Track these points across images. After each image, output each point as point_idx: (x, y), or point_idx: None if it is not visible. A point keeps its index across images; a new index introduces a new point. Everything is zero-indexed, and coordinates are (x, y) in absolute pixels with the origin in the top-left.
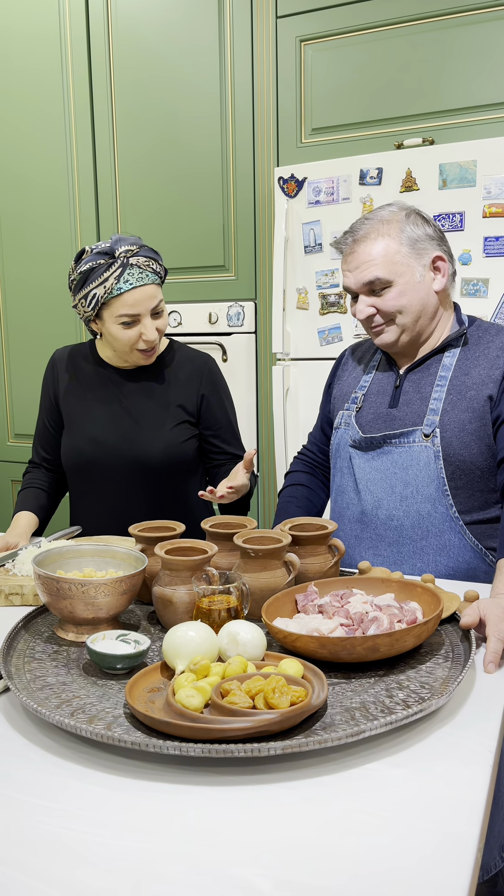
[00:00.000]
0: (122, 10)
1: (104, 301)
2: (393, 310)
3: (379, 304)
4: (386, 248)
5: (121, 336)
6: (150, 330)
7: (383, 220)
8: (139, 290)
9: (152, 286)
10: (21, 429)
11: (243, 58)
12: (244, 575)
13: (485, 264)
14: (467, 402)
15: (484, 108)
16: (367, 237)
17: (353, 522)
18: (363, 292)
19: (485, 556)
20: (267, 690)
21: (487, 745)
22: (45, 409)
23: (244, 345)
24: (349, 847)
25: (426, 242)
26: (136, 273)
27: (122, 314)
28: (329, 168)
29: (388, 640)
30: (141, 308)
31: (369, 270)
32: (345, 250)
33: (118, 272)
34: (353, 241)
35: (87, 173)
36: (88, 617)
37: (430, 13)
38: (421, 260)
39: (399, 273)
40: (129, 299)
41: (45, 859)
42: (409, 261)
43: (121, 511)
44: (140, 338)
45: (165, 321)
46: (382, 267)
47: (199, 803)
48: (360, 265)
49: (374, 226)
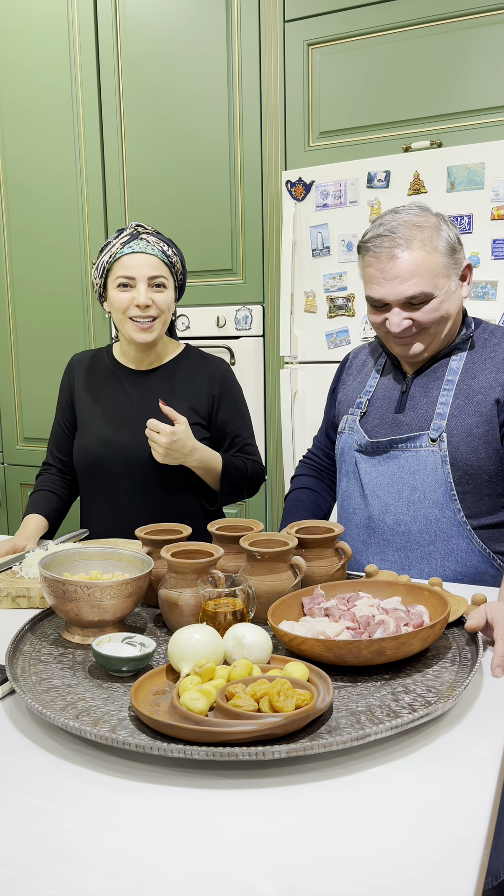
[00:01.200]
0: (130, 15)
1: (109, 267)
2: (431, 322)
3: (417, 317)
4: (428, 259)
5: (116, 300)
6: (142, 294)
7: (420, 226)
8: (139, 255)
9: (155, 258)
10: (30, 432)
11: (251, 62)
12: (250, 578)
13: (493, 267)
14: (474, 407)
15: (492, 111)
16: (408, 244)
17: (360, 528)
18: (399, 304)
19: (493, 561)
20: (272, 693)
21: (494, 750)
22: (61, 411)
23: (252, 348)
24: (353, 851)
25: (460, 251)
26: (143, 243)
27: (119, 275)
28: (337, 171)
29: (394, 644)
30: (137, 272)
31: (412, 283)
32: (381, 255)
33: (125, 240)
34: (391, 245)
35: (96, 176)
36: (94, 619)
37: (436, 16)
38: (457, 269)
39: (440, 286)
40: (128, 261)
41: (50, 862)
42: (447, 271)
43: (130, 512)
44: (132, 302)
45: (167, 300)
46: (426, 280)
47: (203, 806)
48: (400, 275)
49: (413, 231)
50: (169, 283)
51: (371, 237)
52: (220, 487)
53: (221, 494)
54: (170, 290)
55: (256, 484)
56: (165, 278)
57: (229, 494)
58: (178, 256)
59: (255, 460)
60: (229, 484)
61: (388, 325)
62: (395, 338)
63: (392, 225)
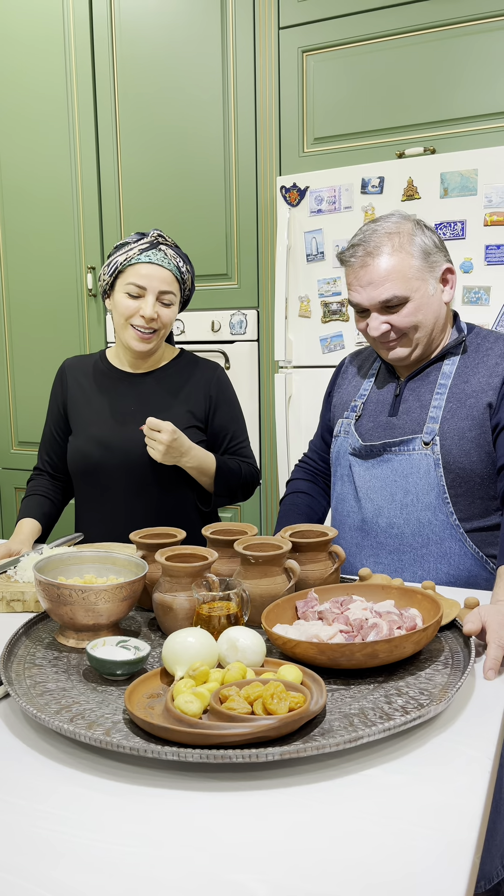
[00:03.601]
0: (125, 22)
1: (122, 268)
2: (408, 326)
3: (394, 320)
4: (401, 263)
5: (122, 304)
6: (149, 307)
7: (391, 233)
8: (156, 267)
9: (169, 273)
10: (25, 437)
11: (246, 68)
12: (244, 581)
13: (486, 272)
14: (467, 410)
15: (485, 118)
16: (378, 251)
17: (353, 530)
18: (376, 309)
19: (485, 564)
20: (265, 696)
21: (486, 752)
22: (53, 417)
23: (247, 353)
24: (346, 853)
25: (436, 255)
26: (160, 255)
27: (131, 282)
28: (331, 177)
29: (387, 647)
30: (149, 283)
31: (385, 288)
32: (354, 264)
33: (144, 247)
34: (363, 253)
35: (91, 183)
36: (89, 623)
37: (430, 24)
38: (433, 273)
39: (415, 288)
40: (143, 270)
41: (45, 864)
42: (423, 275)
43: (125, 515)
44: (138, 312)
45: (171, 316)
46: (399, 284)
47: (196, 809)
48: (373, 281)
49: (384, 238)
50: (176, 300)
51: (347, 247)
52: (215, 489)
53: (216, 496)
54: (175, 306)
55: (251, 486)
56: (175, 295)
57: (224, 496)
58: (190, 274)
59: (250, 463)
60: (223, 485)
61: (368, 329)
62: (377, 342)
63: (366, 234)
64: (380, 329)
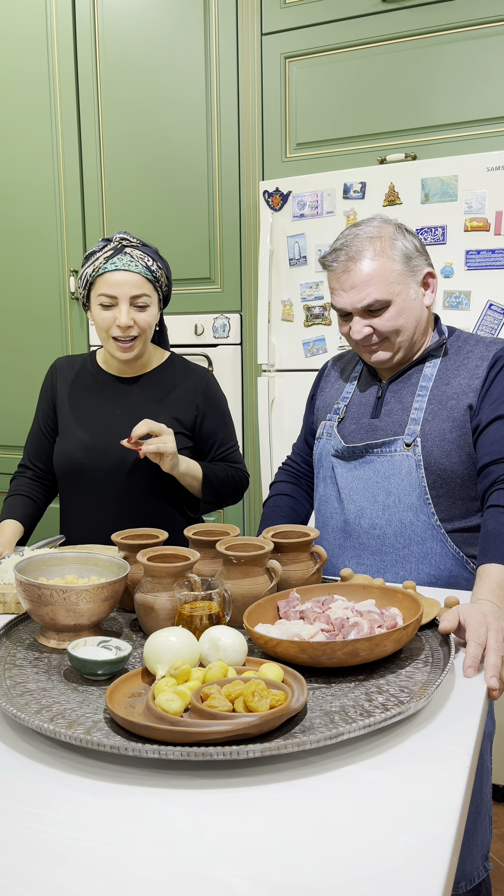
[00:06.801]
0: (108, 26)
1: (91, 280)
2: (390, 330)
3: (376, 324)
4: (382, 267)
5: (98, 317)
6: (123, 315)
7: (373, 237)
8: (123, 273)
9: (138, 276)
10: (6, 440)
11: (229, 74)
12: (226, 582)
13: (466, 277)
14: (448, 412)
15: (465, 125)
16: (360, 255)
17: (336, 532)
18: (358, 313)
19: (466, 564)
20: (246, 694)
21: (465, 748)
22: (42, 414)
23: (230, 356)
24: (327, 848)
25: (418, 258)
26: (126, 259)
27: (101, 293)
28: (313, 182)
29: (367, 645)
30: (119, 291)
31: (367, 292)
32: (336, 268)
33: (109, 254)
34: (345, 258)
35: (74, 187)
36: (70, 624)
37: (412, 31)
38: (415, 277)
39: (396, 292)
40: (111, 279)
41: (25, 862)
42: (404, 279)
43: (110, 518)
44: (114, 322)
45: (149, 319)
46: (380, 287)
47: (178, 806)
48: (356, 285)
49: (365, 243)
50: (153, 300)
51: (330, 252)
52: (203, 495)
53: (204, 501)
54: (153, 307)
55: (240, 491)
56: (149, 296)
57: (212, 501)
58: (162, 270)
59: (239, 468)
60: (211, 492)
61: (350, 333)
62: (359, 345)
63: (347, 239)
64: (362, 332)
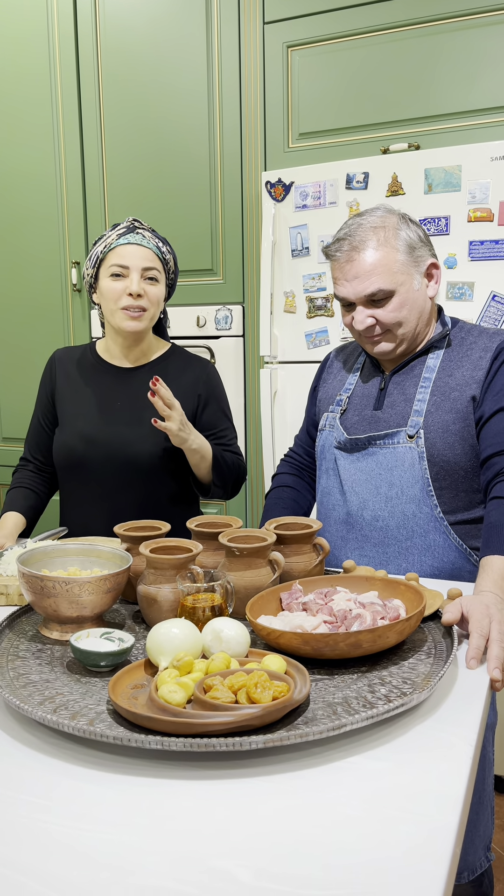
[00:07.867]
0: (110, 15)
1: (103, 256)
2: (393, 322)
3: (379, 315)
4: (386, 257)
5: (108, 289)
6: (135, 283)
7: (376, 227)
8: (134, 246)
9: (150, 251)
10: (9, 432)
11: (231, 63)
12: (229, 573)
13: (470, 268)
14: (451, 404)
15: (468, 114)
16: (364, 245)
17: (338, 524)
18: (361, 303)
19: (469, 556)
20: (249, 685)
21: (468, 739)
22: (41, 407)
23: (232, 348)
24: (329, 839)
25: (421, 249)
26: (139, 237)
27: (113, 264)
28: (316, 172)
29: (370, 637)
30: (131, 262)
31: (370, 282)
32: (339, 258)
33: (122, 231)
34: (349, 248)
35: (75, 178)
36: (73, 615)
37: (415, 20)
38: (418, 267)
39: (400, 283)
40: (123, 251)
41: (28, 852)
42: (408, 269)
43: (111, 510)
44: (125, 291)
45: (158, 295)
46: (384, 277)
47: (181, 797)
48: (359, 275)
49: (369, 232)
50: (161, 279)
51: (333, 241)
52: (213, 477)
53: (213, 485)
54: (161, 285)
55: (239, 482)
56: (159, 272)
57: (219, 486)
58: (171, 255)
59: (238, 458)
60: (219, 475)
61: (353, 323)
62: (362, 336)
63: (351, 228)
64: (365, 323)
